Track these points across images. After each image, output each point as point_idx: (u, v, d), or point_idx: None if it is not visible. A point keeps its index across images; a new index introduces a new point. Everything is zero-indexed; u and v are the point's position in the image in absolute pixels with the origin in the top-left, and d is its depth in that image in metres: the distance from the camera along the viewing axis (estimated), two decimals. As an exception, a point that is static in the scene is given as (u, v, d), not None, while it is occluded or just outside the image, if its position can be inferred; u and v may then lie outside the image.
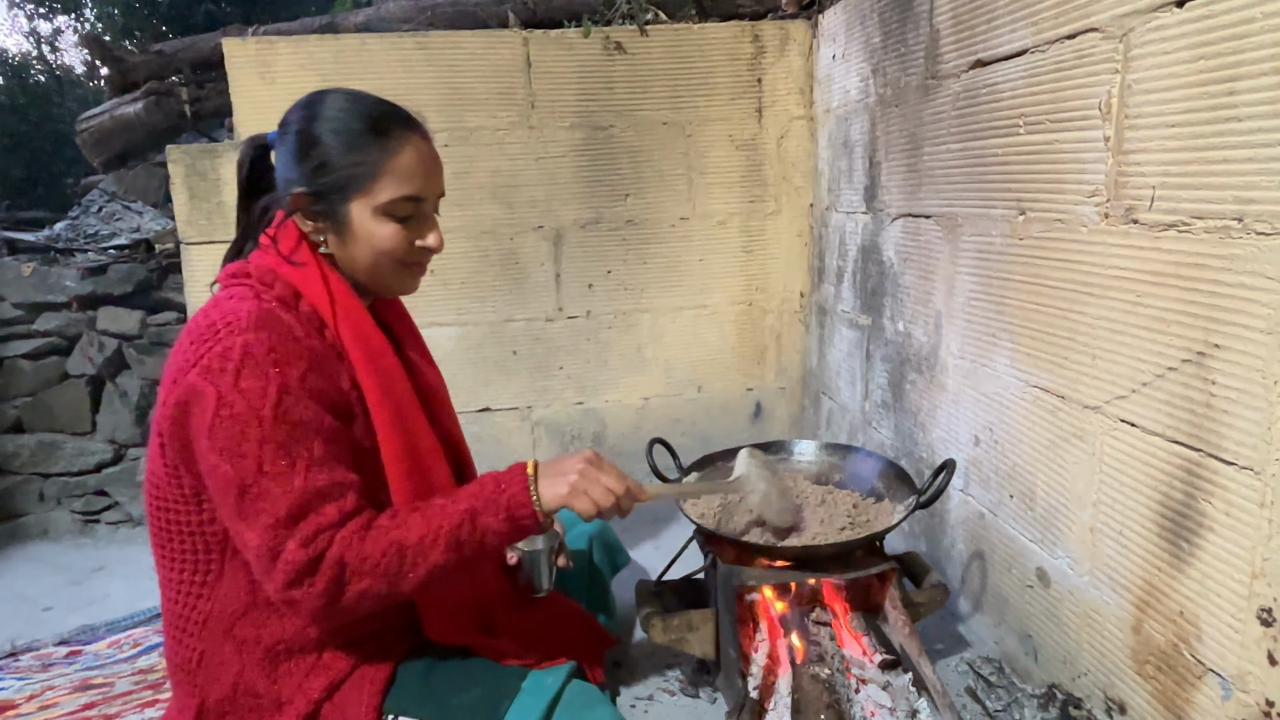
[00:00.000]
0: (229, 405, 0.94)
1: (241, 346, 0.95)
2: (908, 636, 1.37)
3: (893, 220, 2.00)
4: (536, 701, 1.04)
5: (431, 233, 1.11)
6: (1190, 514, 1.11)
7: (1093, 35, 1.24)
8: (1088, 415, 1.31)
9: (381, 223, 1.05)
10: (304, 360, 0.99)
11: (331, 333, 1.06)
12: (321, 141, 1.04)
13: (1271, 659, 0.99)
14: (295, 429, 0.96)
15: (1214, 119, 1.02)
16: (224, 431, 0.94)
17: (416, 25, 2.42)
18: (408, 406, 1.11)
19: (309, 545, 0.94)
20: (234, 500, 0.94)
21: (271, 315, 1.00)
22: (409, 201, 1.06)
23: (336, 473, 0.98)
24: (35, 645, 1.82)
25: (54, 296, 2.40)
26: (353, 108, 1.07)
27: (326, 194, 1.05)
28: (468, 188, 2.44)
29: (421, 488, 1.10)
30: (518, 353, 2.57)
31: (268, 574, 0.95)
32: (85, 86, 7.00)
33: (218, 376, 0.95)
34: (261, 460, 0.94)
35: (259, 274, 1.05)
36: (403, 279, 1.13)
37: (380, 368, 1.09)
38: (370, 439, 1.07)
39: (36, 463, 2.45)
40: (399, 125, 1.07)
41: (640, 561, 2.02)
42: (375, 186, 1.04)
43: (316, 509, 0.95)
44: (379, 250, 1.07)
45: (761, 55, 2.50)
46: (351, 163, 1.03)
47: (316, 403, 0.99)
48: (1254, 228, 0.98)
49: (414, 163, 1.06)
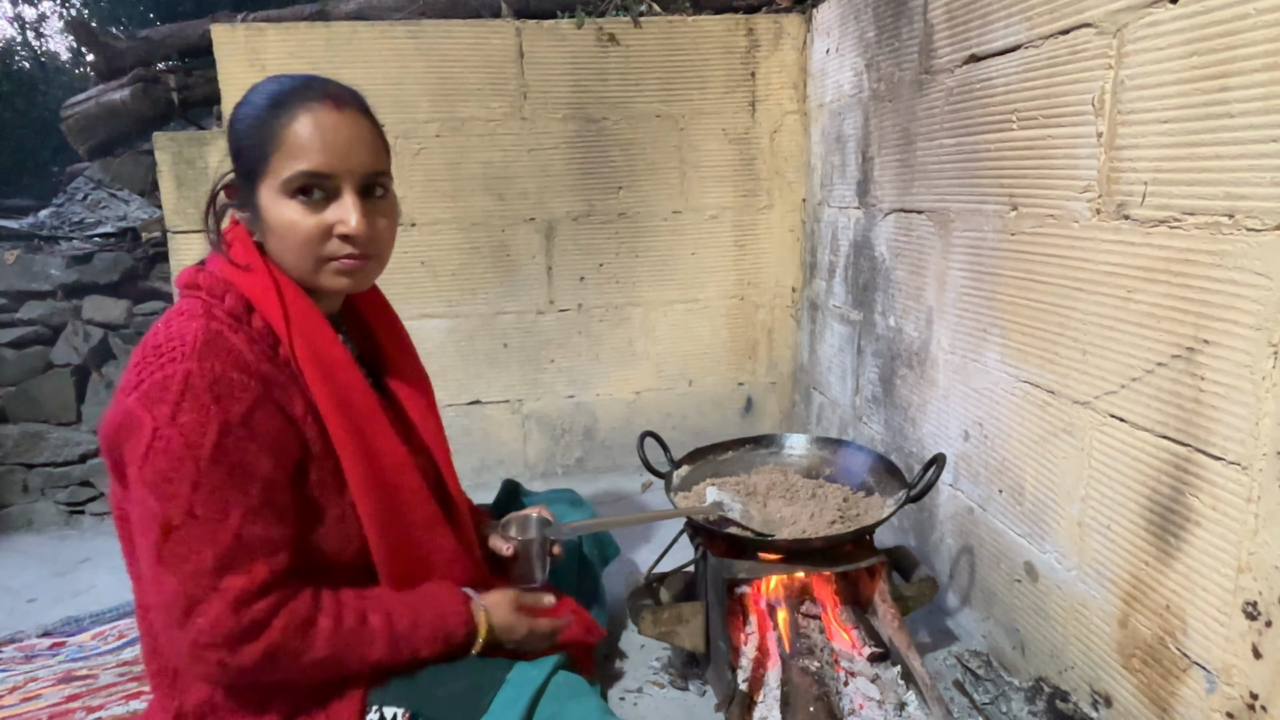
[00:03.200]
0: (164, 439, 0.89)
1: (182, 376, 0.90)
2: (897, 630, 1.38)
3: (885, 215, 2.00)
4: (521, 693, 1.03)
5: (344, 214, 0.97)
6: (1178, 509, 1.12)
7: (1086, 31, 1.24)
8: (1077, 410, 1.32)
9: (284, 204, 0.97)
10: (249, 395, 0.93)
11: (285, 348, 1.00)
12: (234, 125, 1.00)
13: (1256, 652, 1.00)
14: (233, 472, 0.91)
15: (1206, 115, 1.03)
16: (155, 465, 0.89)
17: (409, 14, 2.40)
18: (369, 422, 1.06)
19: (238, 612, 0.91)
20: (156, 538, 0.89)
21: (219, 340, 0.94)
22: (308, 177, 0.96)
23: (271, 526, 0.94)
24: (19, 637, 1.80)
25: (38, 285, 2.37)
26: (264, 86, 1.00)
27: (243, 180, 1.00)
28: (459, 179, 2.42)
29: (389, 504, 1.07)
30: (508, 345, 2.56)
31: (179, 624, 0.90)
32: (70, 73, 6.92)
33: (155, 405, 0.89)
34: (193, 503, 0.89)
35: (210, 285, 0.99)
36: (327, 274, 1.02)
37: (337, 382, 1.03)
38: (333, 461, 1.03)
39: (20, 453, 2.42)
40: (297, 97, 0.97)
41: (630, 555, 2.02)
42: (273, 164, 0.96)
43: (246, 565, 0.91)
44: (286, 237, 0.98)
45: (755, 49, 2.50)
46: (253, 143, 0.97)
47: (258, 445, 0.94)
48: (1245, 224, 0.98)
49: (310, 132, 0.95)
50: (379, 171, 1.02)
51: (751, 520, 1.40)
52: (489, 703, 1.03)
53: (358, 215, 0.98)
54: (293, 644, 0.95)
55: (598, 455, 2.69)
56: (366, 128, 1.01)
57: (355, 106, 1.01)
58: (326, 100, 0.98)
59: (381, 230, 1.03)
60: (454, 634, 1.08)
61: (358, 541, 1.06)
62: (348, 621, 1.00)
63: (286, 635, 0.94)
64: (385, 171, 1.04)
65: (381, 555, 1.07)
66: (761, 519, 1.43)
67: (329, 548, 1.03)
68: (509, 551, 1.25)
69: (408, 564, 1.11)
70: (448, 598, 1.10)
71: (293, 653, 0.96)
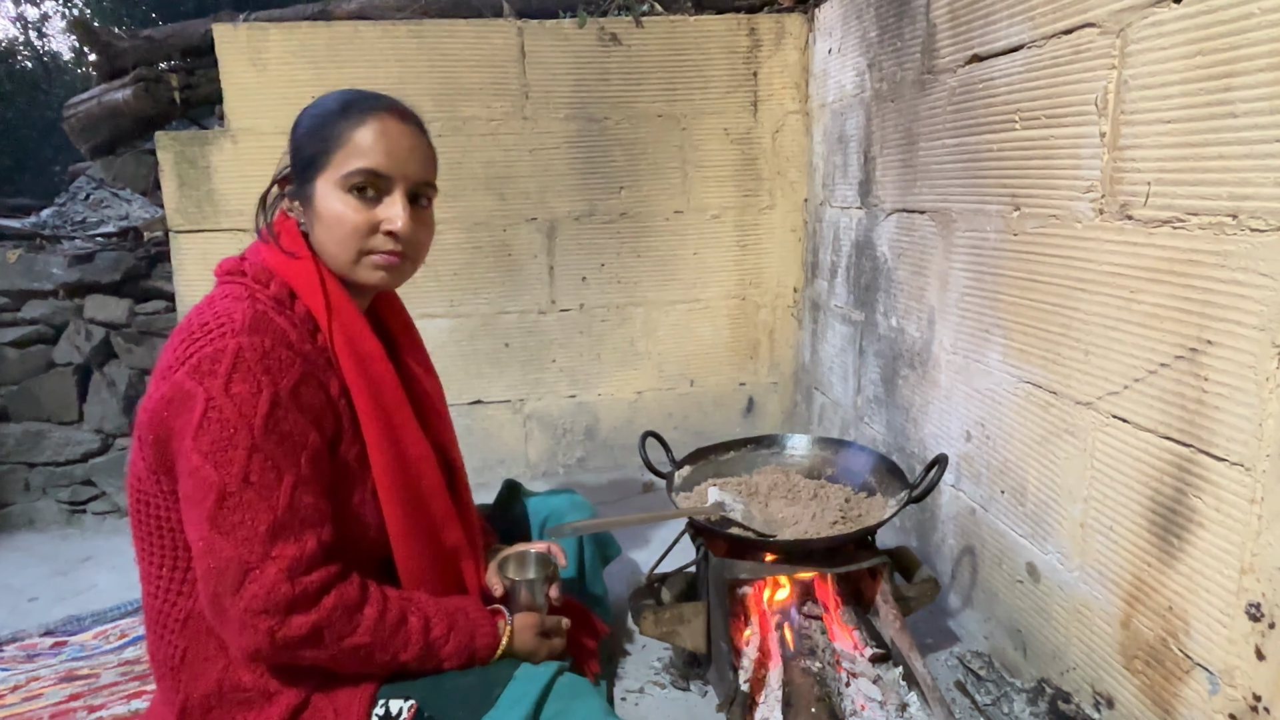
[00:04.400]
0: (218, 409, 0.92)
1: (234, 349, 0.94)
2: (898, 630, 1.38)
3: (887, 215, 2.00)
4: (529, 689, 1.04)
5: (392, 212, 1.05)
6: (1180, 509, 1.12)
7: (1090, 30, 1.24)
8: (1080, 411, 1.32)
9: (339, 196, 1.04)
10: (296, 370, 0.98)
11: (324, 336, 1.05)
12: (300, 125, 1.08)
13: (1259, 654, 1.00)
14: (284, 442, 0.95)
15: (1210, 115, 1.02)
16: (211, 434, 0.92)
17: (411, 13, 2.40)
18: (397, 413, 1.11)
19: (292, 580, 0.93)
20: (211, 505, 0.92)
21: (266, 319, 0.98)
22: (367, 175, 1.03)
23: (318, 497, 0.99)
24: (20, 636, 1.80)
25: (41, 284, 2.37)
26: (334, 95, 1.08)
27: (300, 173, 1.07)
28: (461, 178, 2.42)
29: (411, 494, 1.11)
30: (510, 345, 2.56)
31: (233, 590, 0.92)
32: (72, 73, 6.93)
33: (207, 378, 0.93)
34: (249, 469, 0.92)
35: (254, 271, 1.05)
36: (365, 268, 1.08)
37: (371, 374, 1.08)
38: (359, 447, 1.07)
39: (22, 452, 2.42)
40: (367, 103, 1.06)
41: (632, 555, 2.02)
42: (335, 159, 1.03)
43: (297, 533, 0.95)
44: (335, 227, 1.04)
45: (757, 48, 2.50)
46: (318, 139, 1.05)
47: (306, 417, 0.98)
48: (1248, 224, 0.98)
49: (375, 136, 1.04)
50: (428, 183, 1.10)
51: (753, 521, 1.40)
52: (496, 698, 1.03)
53: (405, 215, 1.05)
54: (339, 624, 0.98)
55: (599, 455, 2.69)
56: (424, 142, 1.11)
57: (416, 123, 1.11)
58: (394, 111, 1.07)
59: (422, 235, 1.11)
60: (479, 653, 1.10)
61: (374, 530, 1.08)
62: (391, 616, 1.03)
63: (335, 614, 0.97)
64: (433, 184, 1.12)
65: (401, 543, 1.10)
66: (763, 519, 1.42)
67: (347, 532, 1.05)
68: (499, 592, 1.23)
69: (425, 554, 1.13)
70: (479, 616, 1.13)
71: (337, 633, 0.98)
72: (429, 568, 1.14)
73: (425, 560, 1.13)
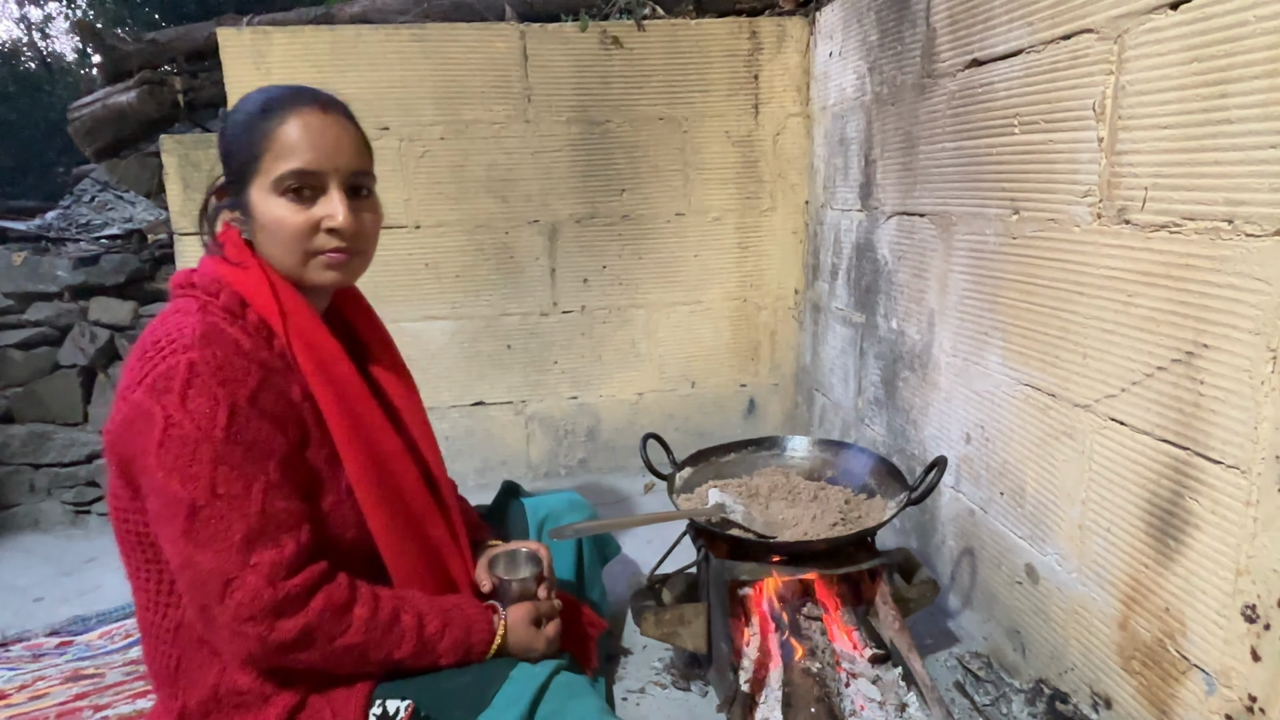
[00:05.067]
0: (178, 425, 0.91)
1: (186, 365, 0.93)
2: (898, 631, 1.39)
3: (887, 218, 2.01)
4: (523, 690, 1.04)
5: (333, 208, 1.02)
6: (1177, 512, 1.13)
7: (1088, 36, 1.24)
8: (1078, 413, 1.32)
9: (275, 201, 1.01)
10: (253, 377, 0.97)
11: (281, 342, 1.03)
12: (226, 131, 1.06)
13: (1255, 655, 1.01)
14: (249, 450, 0.94)
15: (1206, 121, 1.03)
16: (173, 451, 0.91)
17: (413, 17, 2.41)
18: (365, 412, 1.09)
19: (274, 585, 0.93)
20: (183, 521, 0.92)
21: (216, 330, 0.97)
22: (298, 176, 1.01)
23: (291, 501, 0.98)
24: (26, 636, 1.82)
25: (45, 286, 2.38)
26: (254, 95, 1.06)
27: (233, 182, 1.05)
28: (463, 181, 2.43)
29: (388, 490, 1.10)
30: (512, 347, 2.57)
31: (217, 599, 0.93)
32: (76, 75, 6.94)
33: (163, 396, 0.92)
34: (215, 481, 0.92)
35: (204, 283, 1.03)
36: (314, 269, 1.06)
37: (333, 374, 1.06)
38: (329, 449, 1.05)
39: (27, 453, 2.43)
40: (287, 101, 1.03)
41: (632, 556, 2.03)
42: (264, 164, 1.01)
43: (274, 539, 0.94)
44: (276, 233, 1.02)
45: (758, 51, 2.50)
46: (243, 145, 1.02)
47: (269, 423, 0.97)
48: (1244, 229, 0.99)
49: (299, 134, 1.01)
50: (363, 171, 1.07)
51: (753, 522, 1.41)
52: (491, 698, 1.04)
53: (344, 210, 1.03)
54: (329, 625, 0.98)
55: (600, 456, 2.70)
56: (351, 130, 1.07)
57: (340, 111, 1.07)
58: (314, 105, 1.04)
59: (367, 226, 1.08)
60: (475, 649, 1.10)
61: (353, 529, 1.08)
62: (383, 615, 1.03)
63: (324, 615, 0.97)
64: (369, 172, 1.09)
65: (385, 538, 1.09)
66: (763, 521, 1.43)
67: (325, 533, 1.05)
68: (487, 589, 1.22)
69: (410, 549, 1.13)
70: (474, 612, 1.12)
71: (328, 634, 0.98)
72: (416, 563, 1.13)
73: (412, 555, 1.13)
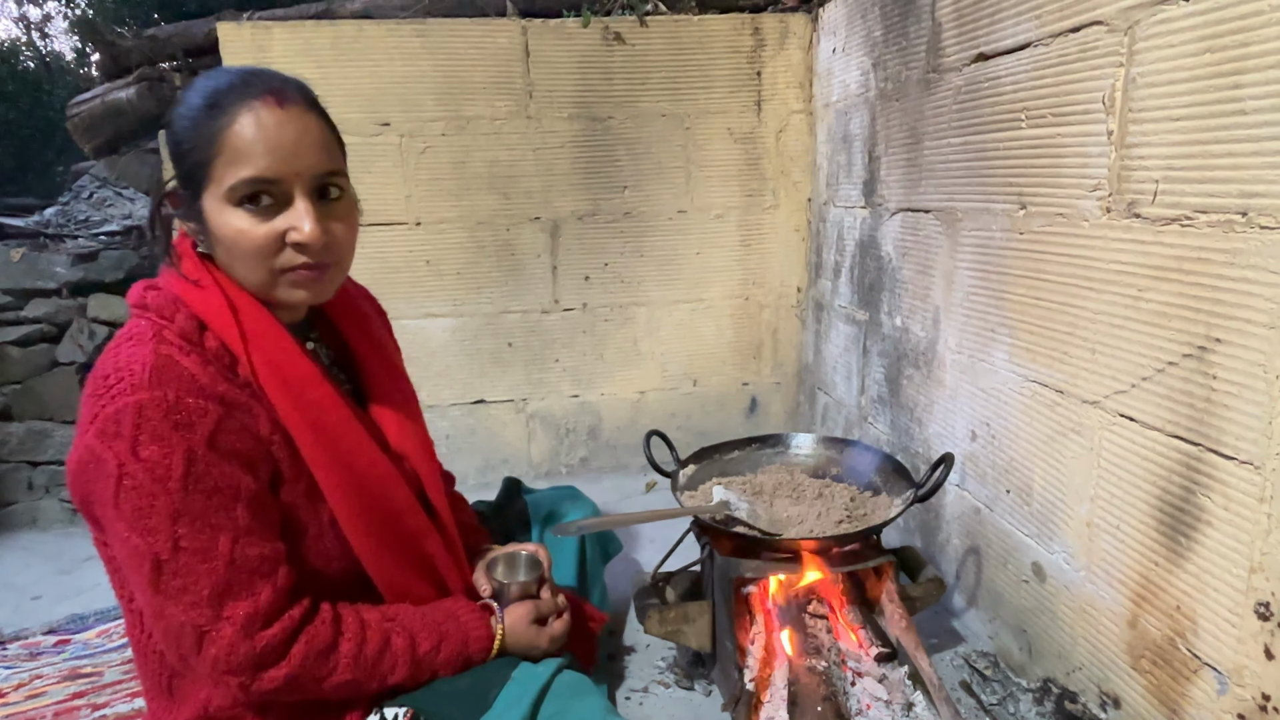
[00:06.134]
0: (131, 475, 0.84)
1: (134, 407, 0.83)
2: (904, 630, 1.37)
3: (892, 215, 1.99)
4: (525, 690, 1.03)
5: (298, 220, 0.89)
6: (1189, 509, 1.11)
7: (1097, 28, 1.23)
8: (1086, 410, 1.31)
9: (231, 213, 0.89)
10: (210, 418, 0.87)
11: (245, 368, 0.93)
12: (171, 129, 0.91)
13: (1268, 653, 0.99)
14: (212, 497, 0.86)
15: (1219, 112, 1.02)
16: (130, 503, 0.84)
17: (415, 12, 2.40)
18: (345, 436, 1.00)
19: (251, 637, 0.89)
20: (149, 573, 0.86)
21: (169, 365, 0.87)
22: (254, 183, 0.87)
23: (265, 544, 0.91)
24: (23, 634, 1.80)
25: (44, 283, 2.37)
26: (200, 84, 0.90)
27: (185, 188, 0.92)
28: (464, 177, 2.42)
29: (377, 517, 1.03)
30: (513, 345, 2.56)
31: (193, 651, 0.88)
32: (75, 73, 6.93)
33: (114, 441, 0.84)
34: (177, 536, 0.85)
35: (159, 304, 0.92)
36: (283, 287, 0.94)
37: (305, 400, 0.96)
38: (305, 481, 0.97)
39: (25, 451, 2.42)
40: (236, 94, 0.88)
41: (636, 554, 2.02)
42: (216, 170, 0.88)
43: (247, 587, 0.88)
44: (235, 249, 0.90)
45: (761, 48, 2.49)
46: (192, 148, 0.89)
47: (233, 464, 0.89)
48: (1258, 222, 0.98)
49: (252, 135, 0.86)
50: (332, 172, 0.94)
51: (758, 519, 1.40)
52: (493, 700, 1.02)
53: (311, 222, 0.90)
54: (314, 669, 0.94)
55: (602, 455, 2.69)
56: (314, 124, 0.93)
57: (301, 101, 0.92)
58: (268, 97, 0.88)
59: (339, 235, 0.95)
60: (474, 657, 1.08)
61: (339, 561, 1.02)
62: (371, 646, 0.98)
63: (307, 662, 0.93)
64: (339, 171, 0.96)
65: (377, 568, 1.04)
66: (768, 518, 1.42)
67: (308, 568, 1.00)
68: (486, 593, 1.20)
69: (405, 572, 1.08)
70: (470, 620, 1.09)
71: (314, 677, 0.95)
72: (413, 583, 1.09)
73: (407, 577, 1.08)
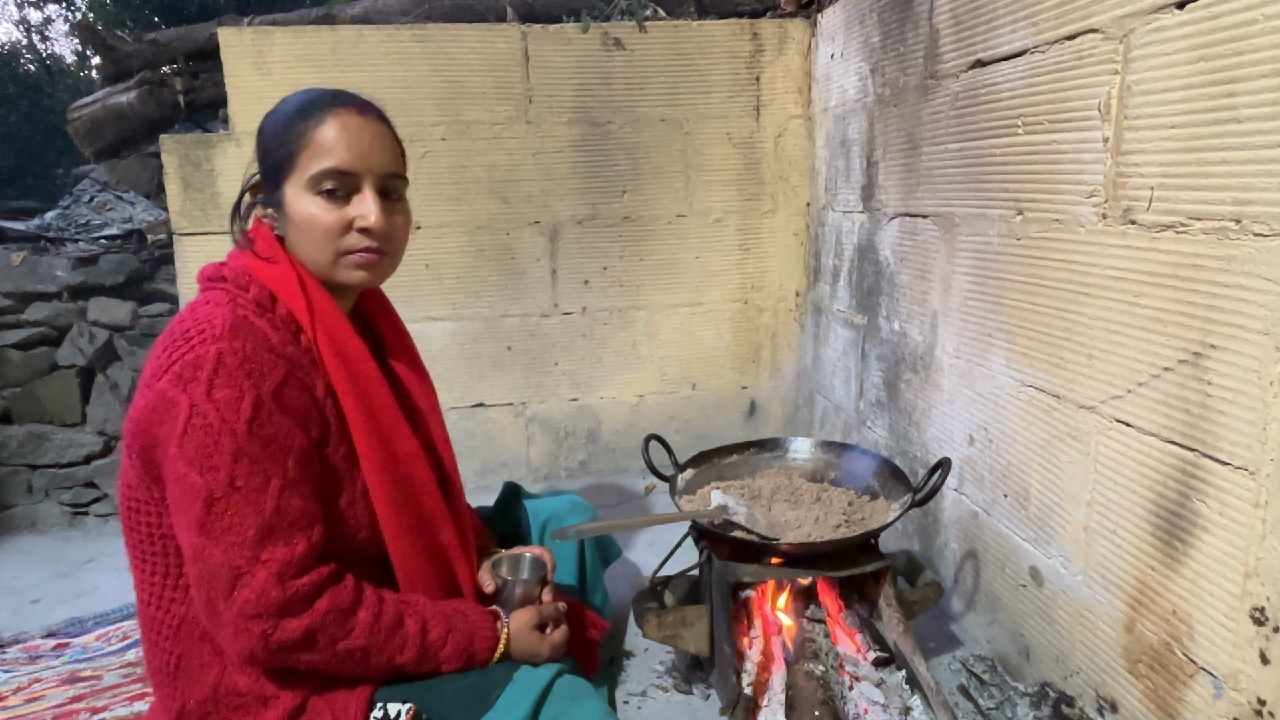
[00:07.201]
0: (202, 415, 0.92)
1: (215, 355, 0.94)
2: (902, 634, 1.38)
3: (890, 220, 2.00)
4: (526, 692, 1.03)
5: (365, 208, 1.04)
6: (1184, 513, 1.12)
7: (1093, 36, 1.24)
8: (1083, 415, 1.32)
9: (309, 199, 1.03)
10: (278, 372, 0.98)
11: (307, 338, 1.05)
12: (263, 132, 1.08)
13: (1264, 658, 1.00)
14: (269, 445, 0.95)
15: (1213, 120, 1.03)
16: (195, 441, 0.92)
17: (414, 18, 2.41)
18: (385, 412, 1.10)
19: (283, 584, 0.93)
20: (199, 512, 0.92)
21: (246, 322, 0.99)
22: (333, 175, 1.03)
23: (307, 499, 0.98)
24: (23, 637, 1.80)
25: (44, 286, 2.37)
26: (294, 96, 1.08)
27: (268, 179, 1.07)
28: (464, 182, 2.43)
29: (402, 492, 1.10)
30: (513, 348, 2.56)
31: (224, 594, 0.93)
32: (76, 76, 6.95)
33: (189, 384, 0.93)
34: (234, 475, 0.92)
35: (234, 277, 1.05)
36: (344, 268, 1.08)
37: (356, 373, 1.07)
38: (347, 447, 1.06)
39: (25, 454, 2.42)
40: (325, 101, 1.06)
41: (634, 558, 2.02)
42: (300, 162, 1.03)
43: (286, 536, 0.94)
44: (308, 230, 1.04)
45: (760, 53, 2.50)
46: (280, 144, 1.04)
47: (291, 419, 0.98)
48: (1252, 229, 0.98)
49: (335, 134, 1.03)
50: (396, 174, 1.09)
51: (756, 524, 1.40)
52: (494, 700, 1.03)
53: (377, 210, 1.04)
54: (332, 627, 0.97)
55: (601, 458, 2.69)
56: (387, 133, 1.09)
57: (377, 114, 1.10)
58: (352, 107, 1.06)
59: (398, 227, 1.10)
60: (477, 656, 1.10)
61: (366, 530, 1.08)
62: (386, 619, 1.02)
63: (328, 618, 0.97)
64: (402, 175, 1.11)
65: (395, 540, 1.09)
66: (766, 523, 1.42)
67: (337, 533, 1.05)
68: (490, 589, 1.22)
69: (419, 552, 1.13)
70: (478, 619, 1.12)
71: (331, 636, 0.98)
72: (424, 567, 1.13)
73: (420, 559, 1.13)
